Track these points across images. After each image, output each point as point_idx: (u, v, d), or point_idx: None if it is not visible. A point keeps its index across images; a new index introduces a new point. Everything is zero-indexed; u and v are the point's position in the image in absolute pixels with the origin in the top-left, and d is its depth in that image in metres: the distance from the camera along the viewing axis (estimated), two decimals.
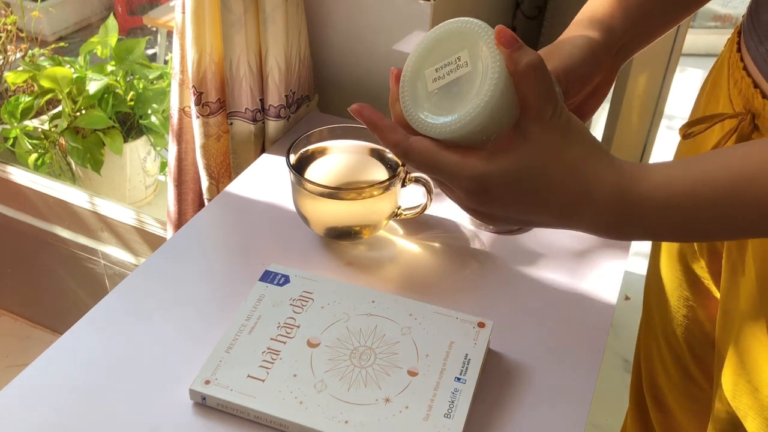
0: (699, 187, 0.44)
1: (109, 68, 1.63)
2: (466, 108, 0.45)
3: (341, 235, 0.80)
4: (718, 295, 0.69)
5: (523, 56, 0.44)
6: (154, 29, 2.60)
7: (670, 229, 0.47)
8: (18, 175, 1.49)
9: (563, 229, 0.48)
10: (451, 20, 0.47)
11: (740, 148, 0.45)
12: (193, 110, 0.99)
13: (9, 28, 1.72)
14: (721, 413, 0.65)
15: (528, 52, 0.44)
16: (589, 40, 0.59)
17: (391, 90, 0.49)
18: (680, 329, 0.77)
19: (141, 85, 1.64)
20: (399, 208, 0.80)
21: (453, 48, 0.46)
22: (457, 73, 0.46)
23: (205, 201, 1.08)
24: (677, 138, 0.69)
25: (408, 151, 0.47)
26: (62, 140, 1.63)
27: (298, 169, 0.78)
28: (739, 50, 0.61)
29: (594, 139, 0.47)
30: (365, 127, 0.49)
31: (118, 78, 1.62)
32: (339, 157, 0.82)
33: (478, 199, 0.46)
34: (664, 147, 1.63)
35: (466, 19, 0.46)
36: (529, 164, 0.45)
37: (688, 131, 0.64)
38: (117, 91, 1.63)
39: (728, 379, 0.63)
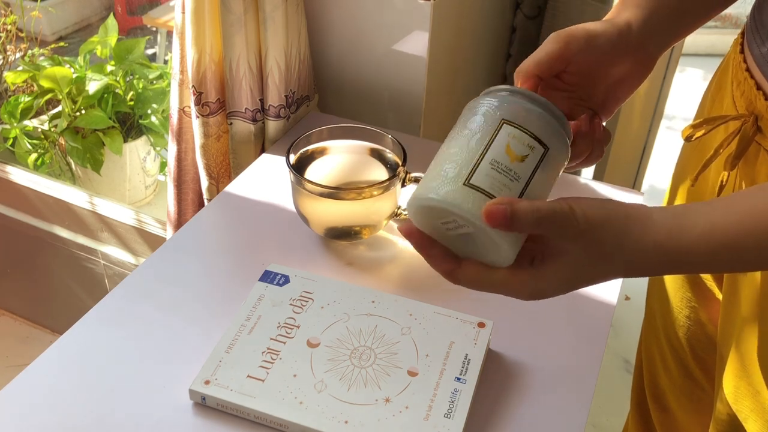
0: (741, 238, 0.45)
1: (109, 68, 1.63)
2: (499, 255, 0.47)
3: (341, 235, 0.80)
4: (720, 296, 0.69)
5: (522, 224, 0.44)
6: (154, 29, 2.60)
7: (713, 269, 0.53)
8: (18, 175, 1.49)
9: None
10: (422, 198, 0.47)
11: None
12: (193, 110, 0.99)
13: (9, 28, 1.72)
14: (722, 415, 0.65)
15: (523, 219, 0.44)
16: (625, 19, 0.57)
17: (414, 232, 0.50)
18: (682, 330, 0.77)
19: (141, 85, 1.64)
20: (399, 208, 0.80)
21: (444, 214, 0.47)
22: (463, 229, 0.47)
23: (205, 201, 1.08)
24: (678, 138, 0.68)
25: (461, 279, 0.49)
26: (62, 140, 1.63)
27: (298, 169, 0.78)
28: (742, 51, 0.61)
29: (619, 213, 0.47)
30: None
31: (118, 78, 1.62)
32: (339, 157, 0.82)
33: (535, 299, 0.49)
34: (665, 147, 1.63)
35: (435, 198, 0.46)
36: (574, 267, 0.47)
37: (690, 133, 0.63)
38: (117, 91, 1.63)
39: (729, 381, 0.63)
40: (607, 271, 0.48)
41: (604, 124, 0.59)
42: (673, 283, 0.76)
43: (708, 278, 0.71)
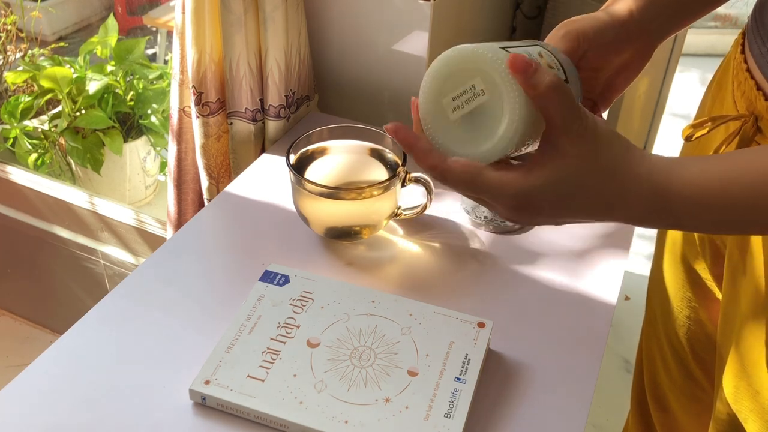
0: (730, 184, 0.44)
1: (109, 68, 1.63)
2: (494, 135, 0.46)
3: (341, 235, 0.80)
4: (720, 296, 0.69)
5: (541, 80, 0.44)
6: (154, 29, 2.60)
7: (701, 222, 0.48)
8: (18, 175, 1.49)
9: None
10: (456, 48, 0.47)
11: None
12: (193, 110, 0.99)
13: (9, 28, 1.72)
14: (722, 415, 0.65)
15: (544, 75, 0.44)
16: (625, 9, 0.58)
17: (414, 118, 0.50)
18: (682, 330, 0.77)
19: (141, 85, 1.64)
20: (399, 208, 0.80)
21: (464, 76, 0.46)
22: (475, 101, 0.47)
23: (205, 201, 1.08)
24: (678, 138, 0.68)
25: (446, 174, 0.47)
26: (62, 140, 1.63)
27: (298, 169, 0.78)
28: (743, 51, 0.61)
29: (622, 139, 0.47)
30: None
31: (118, 78, 1.62)
32: (339, 157, 0.82)
33: (521, 213, 0.48)
34: (665, 147, 1.63)
35: (471, 46, 0.46)
36: (566, 175, 0.46)
37: (690, 133, 0.63)
38: (117, 91, 1.63)
39: (729, 381, 0.63)
40: (598, 196, 0.46)
41: (604, 115, 0.59)
42: (673, 282, 0.76)
43: (708, 278, 0.71)
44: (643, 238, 1.92)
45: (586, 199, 0.46)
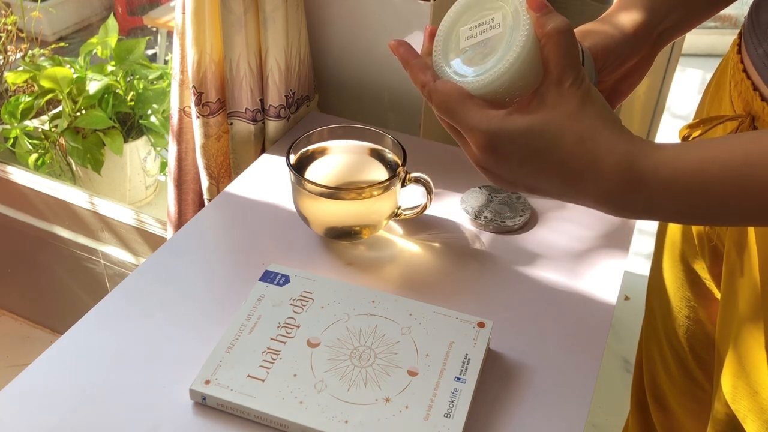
0: (707, 166, 0.43)
1: (109, 68, 1.63)
2: (493, 66, 0.46)
3: (341, 235, 0.80)
4: (719, 296, 0.69)
5: (550, 21, 0.44)
6: (154, 29, 2.60)
7: (674, 207, 0.46)
8: (18, 175, 1.49)
9: (568, 201, 0.48)
10: None
11: (752, 133, 0.44)
12: (193, 110, 0.99)
13: (9, 28, 1.72)
14: (720, 414, 0.65)
15: (555, 18, 0.44)
16: (630, 21, 0.59)
17: (424, 45, 0.50)
18: (682, 330, 0.77)
19: (141, 86, 1.64)
20: (399, 208, 0.80)
21: (489, 8, 0.47)
22: (489, 33, 0.47)
23: (205, 201, 1.08)
24: (677, 139, 0.69)
25: (432, 92, 0.47)
26: (62, 140, 1.63)
27: (298, 169, 0.78)
28: (739, 52, 0.61)
29: (611, 113, 0.46)
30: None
31: (118, 78, 1.62)
32: (339, 157, 0.82)
33: (488, 156, 0.46)
34: None
35: None
36: (541, 127, 0.45)
37: (687, 133, 0.63)
38: (117, 91, 1.63)
39: (728, 380, 0.63)
40: (570, 159, 0.44)
41: None
42: (672, 282, 0.76)
43: (707, 278, 0.71)
44: (644, 234, 1.91)
45: (555, 160, 0.45)
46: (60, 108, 1.62)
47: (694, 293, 0.73)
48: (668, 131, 1.64)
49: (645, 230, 1.85)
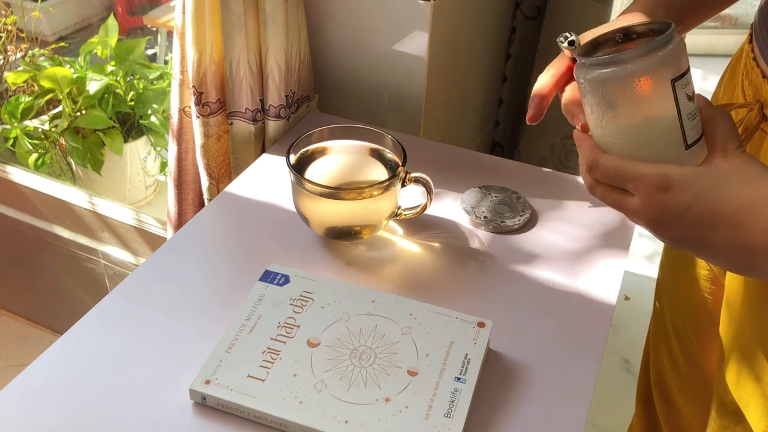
0: None
1: (109, 68, 1.63)
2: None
3: (341, 235, 0.80)
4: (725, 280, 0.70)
5: (717, 114, 0.49)
6: (154, 29, 2.60)
7: None
8: (18, 175, 1.49)
9: (730, 246, 0.47)
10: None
11: None
12: (193, 110, 0.99)
13: (9, 28, 1.72)
14: (723, 401, 0.65)
15: (720, 109, 0.49)
16: (652, 15, 0.60)
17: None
18: (688, 314, 0.78)
19: (141, 85, 1.64)
20: (399, 208, 0.80)
21: None
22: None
23: (205, 201, 1.08)
24: None
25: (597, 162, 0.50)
26: (62, 140, 1.63)
27: (298, 169, 0.78)
28: (751, 41, 0.62)
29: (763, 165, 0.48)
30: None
31: (118, 78, 1.62)
32: (339, 157, 0.82)
33: (659, 197, 0.48)
34: None
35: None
36: (711, 170, 0.48)
37: None
38: (117, 91, 1.63)
39: (732, 367, 0.64)
40: (732, 200, 0.46)
41: None
42: (681, 268, 0.78)
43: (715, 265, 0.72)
44: (643, 237, 1.91)
45: (722, 201, 0.46)
46: (60, 108, 1.62)
47: (702, 276, 0.74)
48: None
49: (645, 232, 1.86)
